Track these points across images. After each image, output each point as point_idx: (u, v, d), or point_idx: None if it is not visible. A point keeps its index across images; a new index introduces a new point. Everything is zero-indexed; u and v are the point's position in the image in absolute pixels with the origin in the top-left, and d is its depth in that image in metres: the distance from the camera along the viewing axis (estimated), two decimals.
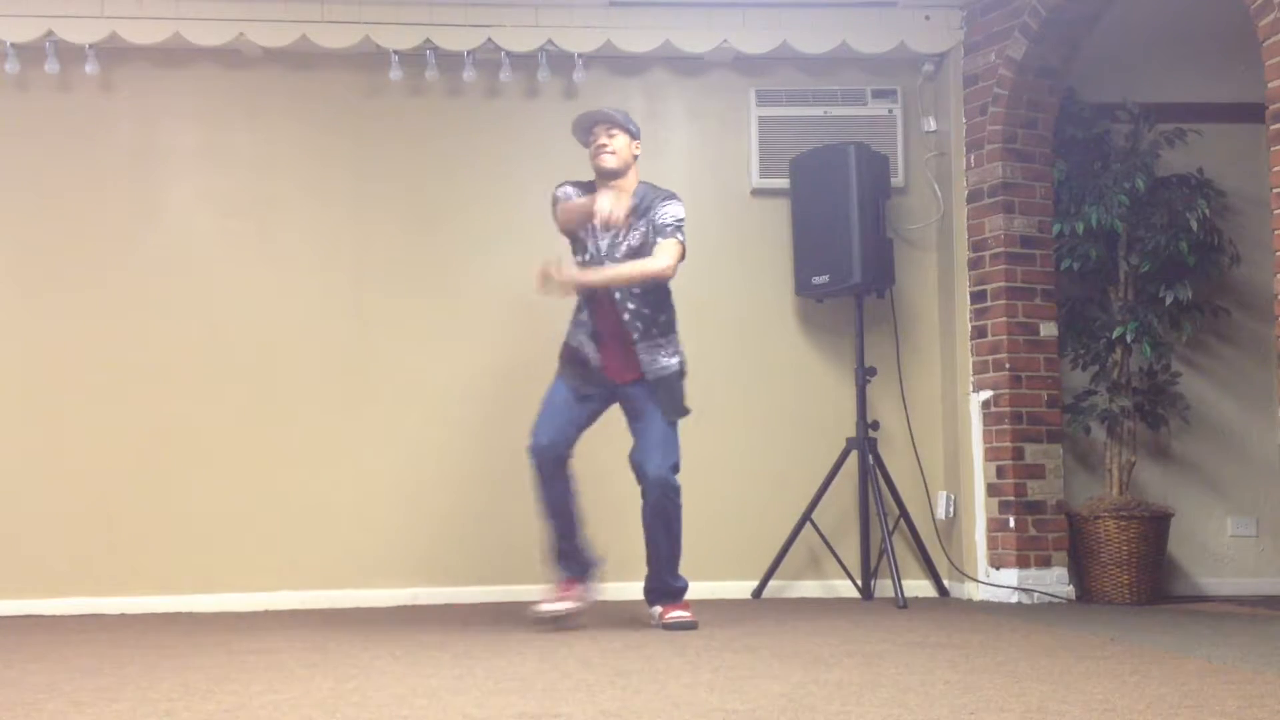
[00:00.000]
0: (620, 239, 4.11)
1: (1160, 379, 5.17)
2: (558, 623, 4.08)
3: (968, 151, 5.20)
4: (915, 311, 5.40)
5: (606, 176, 4.14)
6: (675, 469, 4.09)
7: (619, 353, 4.13)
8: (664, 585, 4.20)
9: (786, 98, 5.35)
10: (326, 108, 5.21)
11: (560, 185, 4.22)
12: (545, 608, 4.10)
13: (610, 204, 3.90)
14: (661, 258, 4.04)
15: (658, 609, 4.20)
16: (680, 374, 4.21)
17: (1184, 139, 5.21)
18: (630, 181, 4.17)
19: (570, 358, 4.19)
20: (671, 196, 4.16)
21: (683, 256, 4.13)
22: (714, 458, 5.23)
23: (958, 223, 5.24)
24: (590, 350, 4.13)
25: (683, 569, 5.18)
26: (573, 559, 4.18)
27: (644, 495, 4.10)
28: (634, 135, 4.19)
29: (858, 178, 5.00)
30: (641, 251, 4.09)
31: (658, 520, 4.10)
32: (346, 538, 5.05)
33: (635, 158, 4.20)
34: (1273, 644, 3.51)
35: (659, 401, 4.12)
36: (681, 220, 4.13)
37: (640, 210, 4.11)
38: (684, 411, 4.20)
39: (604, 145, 4.12)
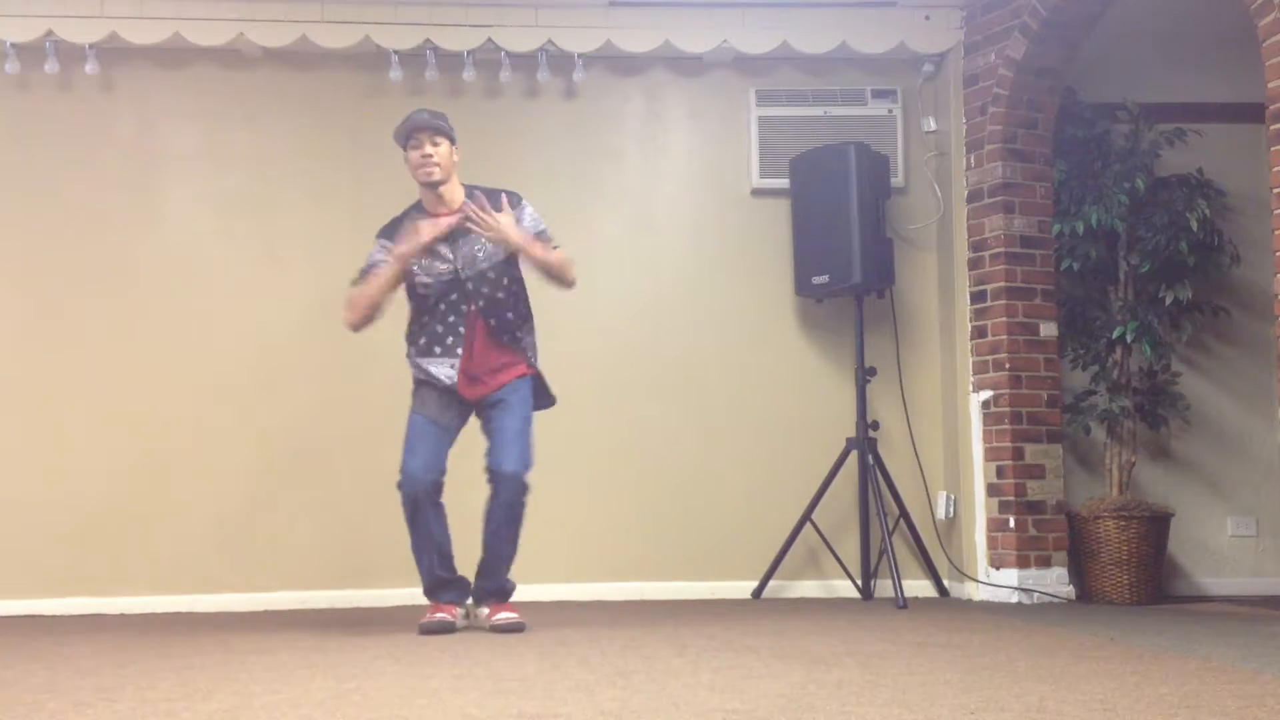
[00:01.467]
0: (468, 248, 4.02)
1: (1160, 379, 5.17)
2: (446, 631, 4.00)
3: (968, 151, 5.20)
4: (915, 311, 5.40)
5: (431, 188, 4.04)
6: (529, 468, 4.01)
7: (480, 366, 4.05)
8: (499, 585, 4.13)
9: (786, 98, 5.35)
10: (326, 108, 5.21)
11: (377, 240, 4.10)
12: (429, 618, 4.03)
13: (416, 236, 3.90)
14: (565, 266, 4.06)
15: (485, 609, 4.12)
16: (537, 375, 4.16)
17: (1184, 139, 5.21)
18: (456, 187, 4.07)
19: (419, 385, 4.13)
20: (519, 198, 4.09)
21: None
22: (714, 458, 5.24)
23: (958, 223, 5.24)
24: (444, 371, 4.06)
25: (683, 568, 5.20)
26: (455, 586, 4.13)
27: (496, 494, 4.00)
28: (453, 141, 4.06)
29: (858, 178, 5.00)
30: (509, 260, 4.04)
31: (509, 520, 4.01)
32: (346, 538, 5.06)
33: (455, 164, 4.07)
34: (1273, 644, 3.50)
35: (524, 400, 4.07)
36: (542, 224, 4.10)
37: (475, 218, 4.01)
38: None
39: (429, 156, 3.98)
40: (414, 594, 5.03)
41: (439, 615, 4.04)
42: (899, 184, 5.34)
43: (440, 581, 4.11)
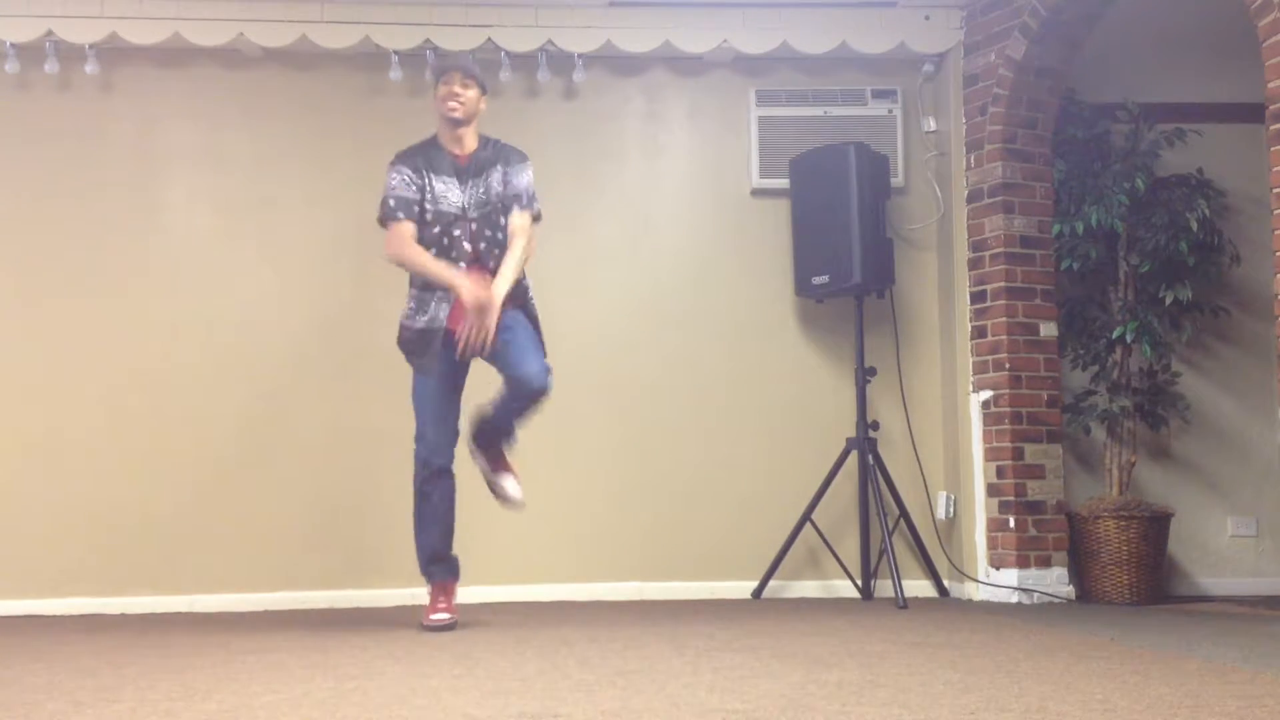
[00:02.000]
0: (476, 189, 4.11)
1: (1160, 379, 5.17)
2: (448, 630, 4.06)
3: (968, 151, 5.20)
4: (915, 311, 5.40)
5: (451, 125, 4.14)
6: (550, 372, 4.05)
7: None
8: (500, 439, 4.17)
9: (786, 98, 5.35)
10: (326, 108, 5.21)
11: (393, 167, 4.14)
12: (436, 619, 4.09)
13: (474, 293, 3.93)
14: (522, 239, 4.10)
15: (483, 460, 4.19)
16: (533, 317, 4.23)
17: (1184, 139, 5.21)
18: (471, 136, 4.18)
19: (417, 343, 4.16)
20: (524, 158, 4.20)
21: (537, 220, 4.20)
22: (714, 458, 5.23)
23: (958, 223, 5.24)
24: (435, 313, 4.10)
25: (683, 568, 5.20)
26: (450, 563, 4.20)
27: (519, 397, 4.01)
28: (484, 90, 4.21)
29: (858, 178, 5.00)
30: (492, 202, 4.11)
31: (526, 404, 4.02)
32: (346, 538, 5.06)
33: (480, 111, 4.20)
34: (1273, 644, 3.51)
35: (525, 324, 4.13)
36: (534, 190, 4.18)
37: (487, 160, 4.14)
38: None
39: (456, 94, 4.11)
40: (414, 594, 5.03)
41: (442, 614, 4.09)
42: (899, 184, 5.34)
43: (439, 557, 4.16)
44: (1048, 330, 5.07)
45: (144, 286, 5.08)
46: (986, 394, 5.06)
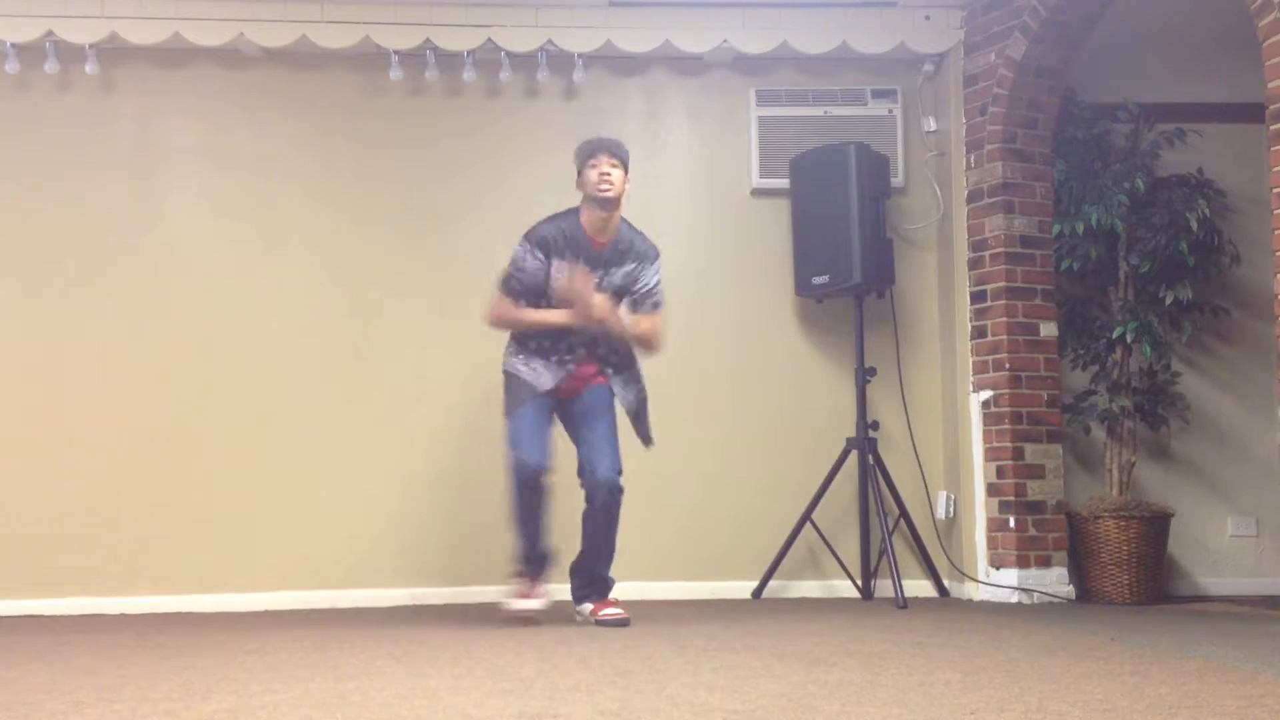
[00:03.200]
0: (604, 280, 4.14)
1: (1160, 379, 5.17)
2: (530, 619, 4.14)
3: (968, 151, 5.20)
4: (915, 311, 5.40)
5: (602, 206, 4.13)
6: (621, 472, 4.17)
7: (578, 378, 4.22)
8: (600, 581, 4.25)
9: (786, 98, 5.35)
10: (326, 108, 5.21)
11: (526, 241, 4.16)
12: (519, 605, 4.17)
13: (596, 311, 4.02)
14: (660, 335, 4.22)
15: (588, 605, 4.23)
16: (644, 400, 4.32)
17: (1184, 139, 5.21)
18: (616, 220, 4.20)
19: (513, 386, 4.22)
20: (656, 254, 4.23)
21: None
22: (714, 457, 5.23)
23: (958, 223, 5.24)
24: (550, 376, 4.18)
25: (683, 568, 5.20)
26: (542, 563, 4.24)
27: (591, 497, 4.14)
28: (628, 170, 4.22)
29: (858, 178, 5.00)
30: (613, 294, 4.14)
31: (606, 520, 4.15)
32: (346, 538, 5.06)
33: (626, 191, 4.20)
34: (1273, 644, 3.51)
35: (630, 412, 4.26)
36: (660, 286, 4.24)
37: (623, 253, 4.17)
38: (650, 439, 4.32)
39: (607, 175, 4.12)
40: (414, 594, 5.04)
41: (530, 603, 4.16)
42: (899, 184, 5.34)
43: (537, 556, 4.20)
44: (1048, 330, 5.07)
45: (144, 286, 5.08)
46: (986, 394, 5.06)
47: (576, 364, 4.20)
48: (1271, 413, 5.37)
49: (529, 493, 4.10)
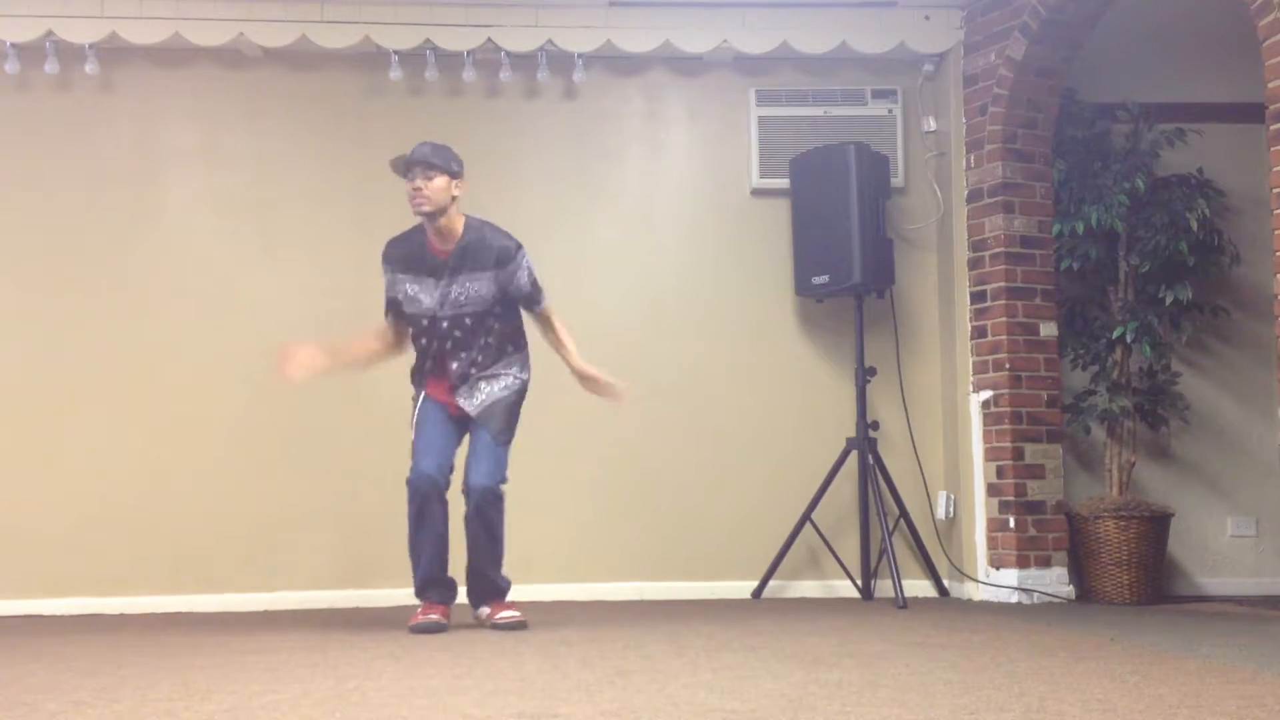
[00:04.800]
0: (450, 290, 4.06)
1: (1160, 379, 5.17)
2: (437, 631, 4.03)
3: (968, 151, 5.20)
4: (915, 311, 5.40)
5: (431, 222, 4.06)
6: (500, 481, 4.11)
7: (459, 392, 4.16)
8: (490, 585, 4.18)
9: (786, 98, 5.35)
10: (326, 108, 5.21)
11: (384, 259, 4.17)
12: (424, 618, 4.06)
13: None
14: (558, 323, 4.19)
15: (485, 609, 4.18)
16: (515, 397, 4.18)
17: (1184, 139, 5.21)
18: (454, 220, 4.07)
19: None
20: (518, 247, 4.09)
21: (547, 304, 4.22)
22: (714, 457, 5.24)
23: (958, 223, 5.24)
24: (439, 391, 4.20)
25: (683, 568, 5.20)
26: (445, 586, 4.18)
27: (467, 503, 4.09)
28: (453, 174, 4.04)
29: (858, 178, 5.00)
30: (488, 302, 4.07)
31: (480, 525, 4.08)
32: (347, 538, 5.06)
33: (455, 198, 4.05)
34: (1273, 644, 3.50)
35: (487, 426, 4.14)
36: (535, 277, 4.13)
37: (475, 255, 4.05)
38: (508, 435, 4.18)
39: (419, 189, 4.00)
40: (414, 594, 5.03)
41: (431, 616, 4.06)
42: (899, 184, 5.34)
43: (433, 581, 4.14)
44: (1048, 330, 5.07)
45: (144, 286, 5.08)
46: (986, 394, 5.06)
47: (433, 370, 4.16)
48: (1271, 413, 5.37)
49: (428, 508, 4.05)
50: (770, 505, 5.19)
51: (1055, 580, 4.95)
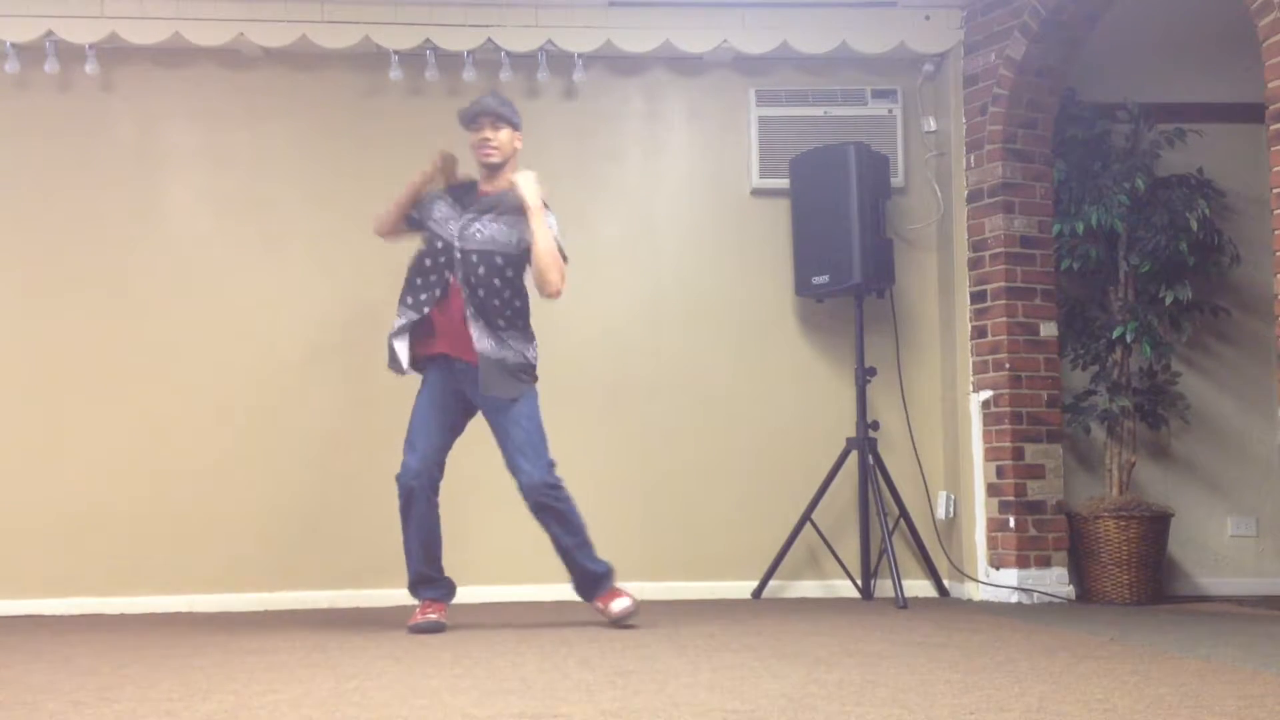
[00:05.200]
0: (472, 225, 4.09)
1: (1160, 379, 5.17)
2: (435, 631, 4.03)
3: (968, 151, 5.20)
4: (915, 311, 5.40)
5: (489, 170, 4.16)
6: (548, 467, 4.05)
7: (456, 328, 4.07)
8: (589, 576, 4.13)
9: (786, 98, 5.35)
10: (326, 108, 5.21)
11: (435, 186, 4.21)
12: (424, 618, 4.06)
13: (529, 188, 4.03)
14: (556, 266, 4.05)
15: (597, 603, 4.17)
16: (522, 366, 4.10)
17: (1184, 139, 5.21)
18: (511, 174, 4.16)
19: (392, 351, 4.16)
20: (548, 209, 4.12)
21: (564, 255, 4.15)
22: (714, 457, 5.23)
23: (958, 223, 5.24)
24: (408, 315, 4.10)
25: (683, 568, 5.20)
26: (439, 584, 4.18)
27: (525, 500, 4.07)
28: (516, 127, 4.18)
29: (858, 178, 5.00)
30: (504, 246, 4.06)
31: (554, 519, 4.06)
32: (346, 538, 5.05)
33: (516, 149, 4.20)
34: (1273, 644, 3.51)
35: (499, 389, 4.04)
36: (558, 234, 4.12)
37: (508, 204, 4.10)
38: (529, 408, 4.09)
39: (488, 140, 4.12)
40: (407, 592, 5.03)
41: (429, 616, 4.06)
42: (899, 184, 5.34)
43: (424, 578, 4.14)
44: (1048, 330, 5.07)
45: (144, 286, 5.08)
46: (986, 394, 5.06)
47: (432, 304, 4.06)
48: (1271, 413, 5.37)
49: (412, 503, 4.06)
50: (770, 505, 5.19)
51: (1055, 580, 4.95)
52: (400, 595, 5.02)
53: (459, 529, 5.09)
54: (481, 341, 4.02)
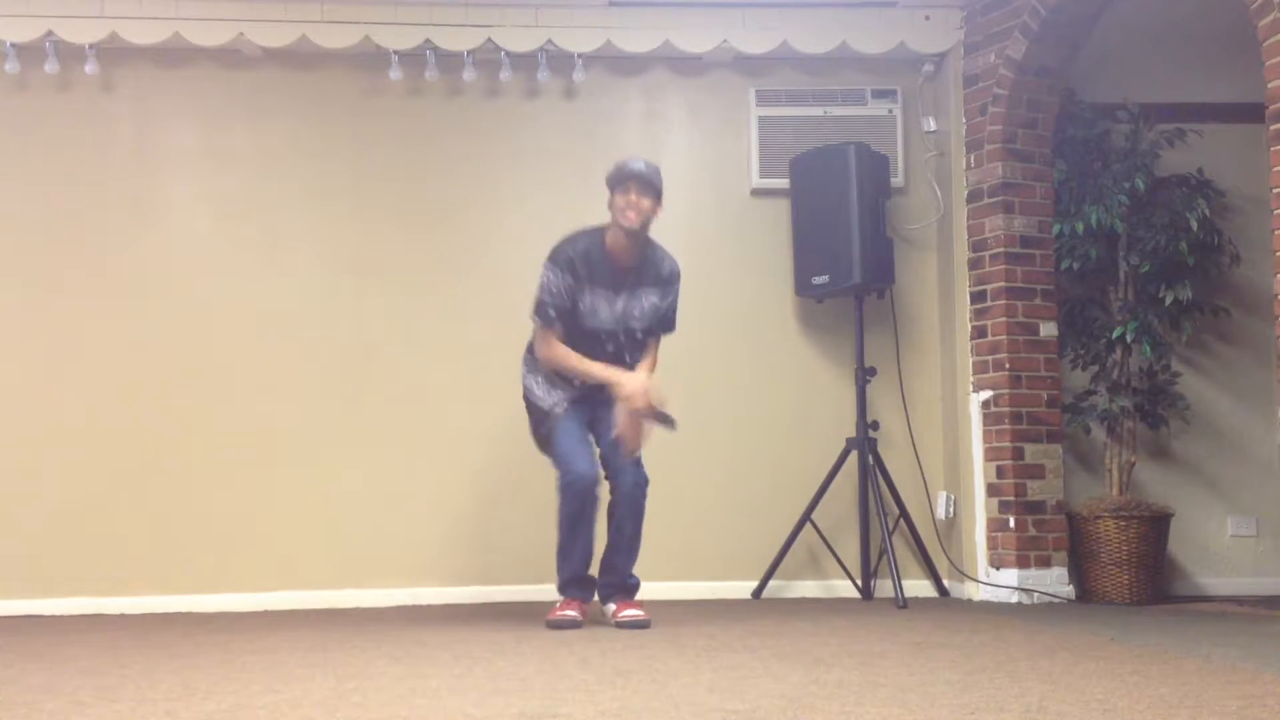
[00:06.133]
0: (630, 304, 4.20)
1: (1160, 379, 5.17)
2: (573, 628, 4.09)
3: (968, 151, 5.20)
4: (915, 311, 5.40)
5: (626, 234, 4.13)
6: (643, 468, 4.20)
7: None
8: (622, 581, 4.24)
9: (786, 98, 5.35)
10: (326, 108, 5.21)
11: (551, 264, 4.15)
12: (562, 618, 4.11)
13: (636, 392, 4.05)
14: (655, 352, 4.29)
15: (612, 606, 4.21)
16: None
17: (1184, 139, 5.21)
18: (640, 240, 4.19)
19: (540, 415, 4.21)
20: (678, 275, 4.27)
21: None
22: (714, 457, 5.23)
23: (958, 223, 5.24)
24: (566, 396, 4.19)
25: (683, 568, 5.20)
26: (587, 584, 4.23)
27: (617, 488, 4.15)
28: (659, 199, 4.17)
29: (858, 178, 5.00)
30: (650, 319, 4.23)
31: (632, 513, 4.15)
32: (346, 538, 5.06)
33: (653, 219, 4.19)
34: (1273, 644, 3.51)
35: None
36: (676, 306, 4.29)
37: (648, 275, 4.21)
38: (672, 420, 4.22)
39: (634, 203, 4.10)
40: (414, 594, 5.04)
41: (569, 612, 4.12)
42: (899, 184, 5.34)
43: (580, 579, 4.19)
44: (1048, 330, 5.07)
45: (144, 286, 5.08)
46: (986, 394, 5.06)
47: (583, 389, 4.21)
48: (1271, 413, 5.37)
49: (587, 507, 4.08)
50: (770, 505, 5.19)
51: (1055, 580, 4.95)
52: (400, 595, 5.03)
53: (471, 530, 5.10)
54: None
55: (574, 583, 4.19)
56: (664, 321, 4.28)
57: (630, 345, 4.24)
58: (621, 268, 4.18)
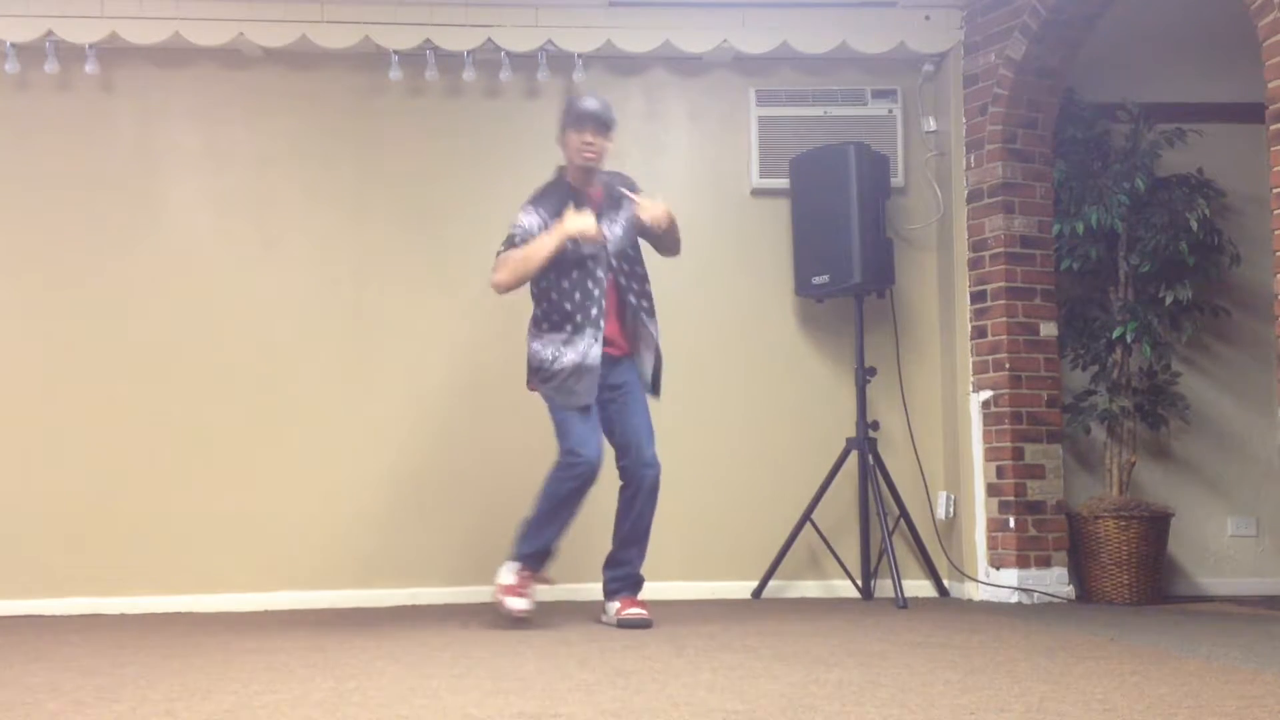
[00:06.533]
0: (613, 228, 4.25)
1: (1160, 379, 5.17)
2: (524, 619, 4.12)
3: (968, 151, 5.20)
4: (915, 311, 5.40)
5: (585, 172, 4.23)
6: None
7: (616, 333, 4.25)
8: (635, 574, 4.26)
9: (786, 98, 5.35)
10: (326, 108, 5.21)
11: (528, 207, 4.22)
12: (516, 605, 4.12)
13: (587, 226, 4.08)
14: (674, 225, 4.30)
15: (616, 603, 4.21)
16: (660, 357, 4.35)
17: (1184, 139, 5.21)
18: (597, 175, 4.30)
19: (569, 378, 4.14)
20: (632, 182, 4.36)
21: None
22: (714, 457, 5.23)
23: (958, 223, 5.24)
24: (591, 349, 4.12)
25: (683, 568, 5.20)
26: (548, 558, 4.25)
27: (643, 480, 4.17)
28: (611, 131, 4.28)
29: (858, 178, 5.00)
30: (636, 245, 4.30)
31: (651, 503, 4.21)
32: (346, 538, 5.05)
33: (607, 150, 4.30)
34: (1273, 644, 3.51)
35: (648, 377, 4.29)
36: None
37: (615, 198, 4.28)
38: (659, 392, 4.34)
39: (590, 144, 4.20)
40: (414, 594, 5.04)
41: (525, 602, 4.12)
42: (899, 184, 5.34)
43: (546, 553, 4.21)
44: (1048, 330, 5.07)
45: (144, 286, 5.08)
46: (986, 394, 5.06)
47: (601, 334, 4.15)
48: (1271, 413, 5.37)
49: (583, 491, 4.11)
50: (770, 505, 5.19)
51: (1055, 580, 4.95)
52: (400, 595, 5.03)
53: (471, 530, 5.10)
54: (648, 328, 4.26)
55: (540, 556, 4.19)
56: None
57: (629, 262, 4.26)
58: (592, 194, 4.26)
